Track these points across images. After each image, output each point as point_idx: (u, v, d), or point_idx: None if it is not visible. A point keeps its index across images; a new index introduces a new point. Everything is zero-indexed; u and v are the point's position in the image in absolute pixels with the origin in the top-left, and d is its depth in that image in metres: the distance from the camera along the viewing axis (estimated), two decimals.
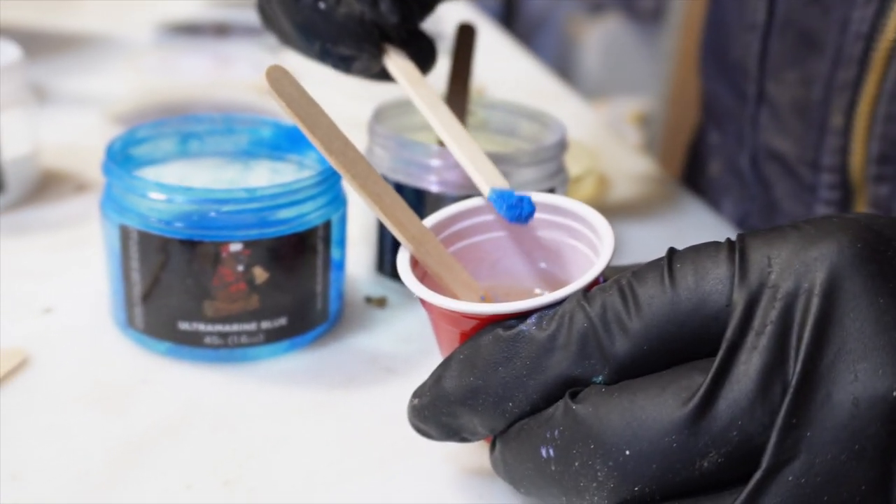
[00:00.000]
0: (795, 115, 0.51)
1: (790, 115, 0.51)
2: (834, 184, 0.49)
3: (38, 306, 0.39)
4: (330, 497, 0.30)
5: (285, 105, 0.30)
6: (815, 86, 0.48)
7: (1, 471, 0.29)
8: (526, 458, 0.26)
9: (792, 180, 0.53)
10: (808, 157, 0.50)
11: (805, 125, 0.50)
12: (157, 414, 0.33)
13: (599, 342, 0.25)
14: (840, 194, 0.50)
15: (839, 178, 0.49)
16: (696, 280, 0.24)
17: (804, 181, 0.51)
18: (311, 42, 0.39)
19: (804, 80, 0.49)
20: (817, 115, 0.49)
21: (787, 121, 0.52)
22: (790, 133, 0.52)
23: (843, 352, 0.23)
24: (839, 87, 0.47)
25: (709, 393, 0.23)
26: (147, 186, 0.34)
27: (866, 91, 0.45)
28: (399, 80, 0.39)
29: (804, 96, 0.49)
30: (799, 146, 0.51)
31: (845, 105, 0.46)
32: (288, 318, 0.36)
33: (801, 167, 0.51)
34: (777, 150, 0.53)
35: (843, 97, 0.46)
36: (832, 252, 0.23)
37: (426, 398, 0.28)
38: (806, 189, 0.52)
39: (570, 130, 0.44)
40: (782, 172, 0.54)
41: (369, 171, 0.31)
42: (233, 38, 0.94)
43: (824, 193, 0.50)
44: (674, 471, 0.23)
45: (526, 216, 0.32)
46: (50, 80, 0.73)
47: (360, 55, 0.39)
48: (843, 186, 0.49)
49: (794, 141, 0.51)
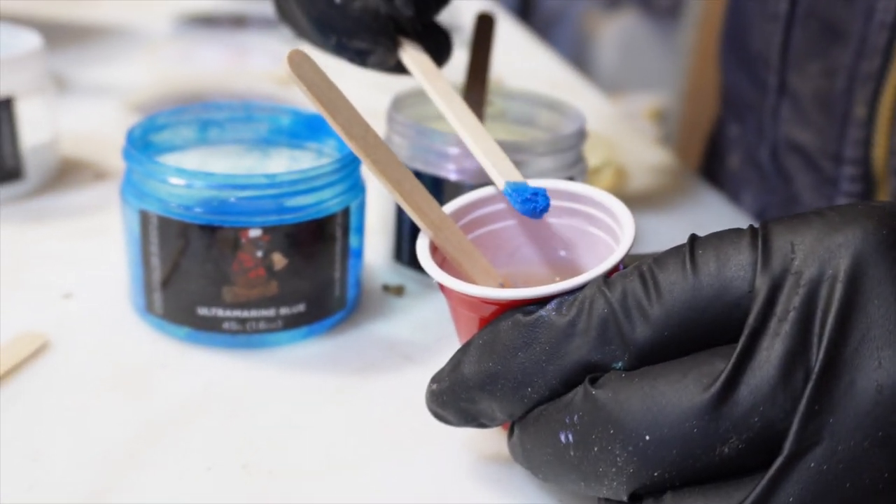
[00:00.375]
0: (817, 107, 0.50)
1: (812, 106, 0.51)
2: (856, 176, 0.49)
3: (57, 292, 0.40)
4: (347, 481, 0.30)
5: (306, 89, 0.30)
6: (839, 77, 0.48)
7: (22, 451, 0.30)
8: (545, 443, 0.26)
9: (813, 173, 0.53)
10: (830, 150, 0.50)
11: (827, 117, 0.50)
12: (176, 398, 0.33)
13: (620, 328, 0.25)
14: (862, 187, 0.49)
15: (861, 171, 0.49)
16: (718, 266, 0.24)
17: (826, 173, 0.51)
18: (327, 36, 0.39)
19: (827, 70, 0.49)
20: (840, 107, 0.48)
21: (809, 112, 0.51)
22: (812, 125, 0.51)
23: (867, 338, 0.22)
24: (863, 77, 0.46)
25: (730, 378, 0.23)
26: (167, 172, 0.34)
27: (890, 81, 0.45)
28: (414, 74, 0.39)
29: (827, 87, 0.49)
30: (821, 138, 0.51)
31: (869, 96, 0.46)
32: (306, 305, 0.36)
33: (822, 159, 0.51)
34: (798, 142, 0.53)
35: (867, 88, 0.46)
36: (857, 238, 0.23)
37: (445, 383, 0.28)
38: (827, 182, 0.51)
39: (587, 122, 0.43)
40: (803, 165, 0.53)
41: (389, 157, 0.31)
42: (250, 29, 0.95)
43: (846, 186, 0.50)
44: (694, 456, 0.23)
45: (541, 210, 0.32)
46: (70, 70, 0.74)
47: (375, 49, 0.39)
48: (865, 179, 0.49)
49: (816, 133, 0.51)
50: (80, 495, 0.28)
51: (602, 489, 0.25)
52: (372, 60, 0.40)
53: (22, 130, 0.48)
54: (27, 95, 0.48)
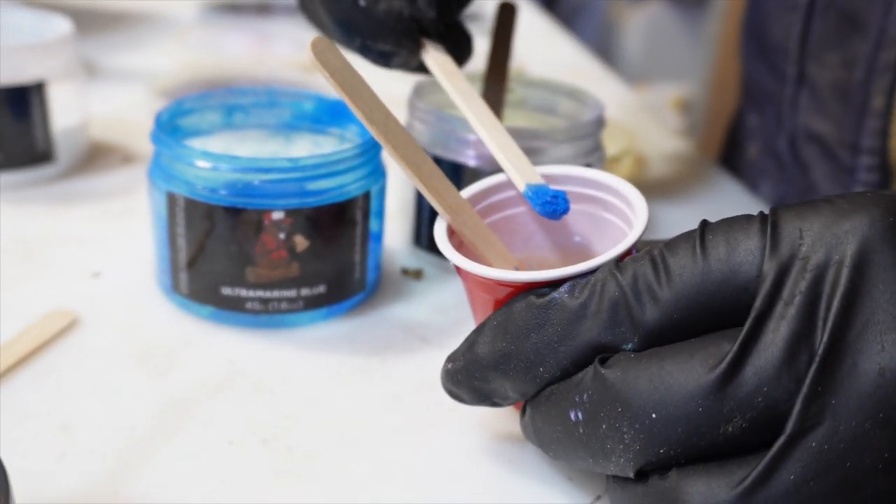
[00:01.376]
0: (836, 97, 0.50)
1: (830, 96, 0.51)
2: (873, 166, 0.49)
3: (86, 271, 0.41)
4: (362, 457, 0.30)
5: (329, 75, 0.30)
6: (857, 67, 0.48)
7: (52, 422, 0.31)
8: (555, 421, 0.27)
9: (830, 162, 0.53)
10: (848, 140, 0.50)
11: (845, 107, 0.50)
12: (200, 374, 0.34)
13: (630, 310, 0.25)
14: (879, 177, 0.49)
15: (878, 161, 0.49)
16: (727, 251, 0.25)
17: (843, 163, 0.51)
18: (352, 38, 0.39)
19: (846, 61, 0.49)
20: (858, 97, 0.49)
21: (828, 102, 0.51)
22: (830, 115, 0.51)
23: (871, 323, 0.23)
24: (881, 68, 0.46)
25: (736, 360, 0.23)
26: (194, 155, 0.35)
27: None
28: (436, 74, 0.40)
29: (845, 78, 0.49)
30: (838, 128, 0.51)
31: (887, 86, 0.46)
32: (326, 287, 0.37)
33: (840, 149, 0.51)
34: (816, 131, 0.53)
35: (885, 79, 0.46)
36: (864, 225, 0.24)
37: (460, 362, 0.29)
38: (844, 171, 0.52)
39: (608, 111, 0.44)
40: (821, 154, 0.54)
41: (409, 142, 0.31)
42: (274, 16, 0.96)
43: (863, 176, 0.50)
44: (699, 434, 0.24)
45: (560, 212, 0.32)
46: (100, 56, 0.75)
47: (399, 51, 0.39)
48: (881, 169, 0.49)
49: (834, 123, 0.51)
50: (108, 465, 0.29)
51: (609, 466, 0.26)
52: (395, 62, 0.40)
53: (53, 114, 0.49)
54: (58, 80, 0.49)
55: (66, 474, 0.29)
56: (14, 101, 0.47)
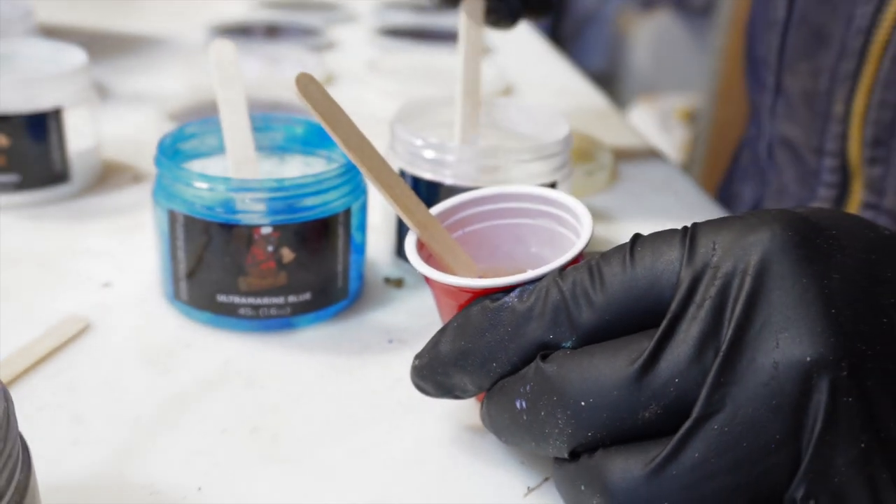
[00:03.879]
0: (804, 104, 0.55)
1: (800, 104, 0.55)
2: (835, 167, 0.53)
3: (98, 281, 0.45)
4: (340, 443, 0.34)
5: (311, 106, 0.34)
6: (822, 77, 0.52)
7: (67, 415, 0.35)
8: (504, 409, 0.30)
9: (799, 166, 0.57)
10: (814, 143, 0.54)
11: (812, 113, 0.54)
12: (198, 373, 0.38)
13: (569, 313, 0.29)
14: (840, 177, 0.53)
15: (839, 162, 0.53)
16: (652, 261, 0.28)
17: (809, 166, 0.55)
18: None
19: (813, 71, 0.53)
20: (822, 104, 0.53)
21: (798, 109, 0.56)
22: (799, 121, 0.56)
23: (768, 323, 0.26)
24: (841, 77, 0.51)
25: (652, 355, 0.27)
26: (192, 177, 0.39)
27: (863, 81, 0.49)
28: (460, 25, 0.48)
29: (812, 87, 0.53)
30: (805, 133, 0.55)
31: (846, 94, 0.50)
32: (312, 294, 0.41)
33: (807, 153, 0.55)
34: (788, 137, 0.57)
35: (845, 87, 0.50)
36: (766, 238, 0.27)
37: (425, 359, 0.32)
38: (811, 173, 0.56)
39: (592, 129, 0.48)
40: (791, 158, 0.58)
41: (382, 164, 0.35)
42: (282, 39, 0.99)
43: (826, 177, 0.54)
44: (621, 419, 0.27)
45: None
46: (111, 79, 0.80)
47: None
48: (842, 170, 0.53)
49: (802, 128, 0.55)
50: (115, 451, 0.33)
51: (549, 448, 0.29)
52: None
53: (68, 138, 0.53)
54: (73, 106, 0.53)
55: (77, 459, 0.33)
56: (33, 127, 0.51)
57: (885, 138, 0.50)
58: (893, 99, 0.49)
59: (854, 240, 0.28)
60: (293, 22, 1.05)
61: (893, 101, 0.49)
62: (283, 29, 1.03)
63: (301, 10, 1.15)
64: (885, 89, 0.48)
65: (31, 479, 0.24)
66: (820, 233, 0.27)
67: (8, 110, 0.50)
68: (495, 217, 0.39)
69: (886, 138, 0.50)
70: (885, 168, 0.51)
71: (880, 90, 0.49)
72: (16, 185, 0.52)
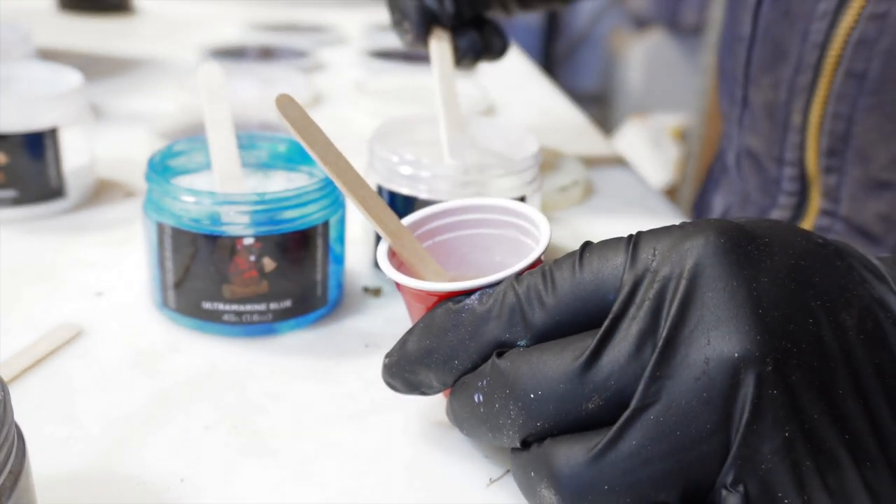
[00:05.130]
0: (765, 116, 0.57)
1: (762, 115, 0.58)
2: (794, 176, 0.56)
3: (91, 290, 0.47)
4: (315, 439, 0.37)
5: (290, 125, 0.37)
6: (781, 89, 0.55)
7: (59, 414, 0.37)
8: (464, 403, 0.33)
9: (761, 174, 0.60)
10: (774, 153, 0.57)
11: (772, 124, 0.57)
12: (185, 375, 0.40)
13: (523, 314, 0.31)
14: (799, 186, 0.56)
15: (798, 171, 0.56)
16: (599, 266, 0.31)
17: (770, 174, 0.58)
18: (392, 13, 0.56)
19: (774, 84, 0.56)
20: (782, 115, 0.56)
21: (760, 121, 0.58)
22: (761, 132, 0.58)
23: (700, 322, 0.28)
24: (799, 89, 0.53)
25: (595, 351, 0.29)
26: (180, 191, 0.41)
27: (818, 93, 0.52)
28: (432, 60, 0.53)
29: (773, 98, 0.56)
30: (767, 143, 0.58)
31: (803, 106, 0.53)
32: (292, 302, 0.43)
33: (768, 162, 0.58)
34: (751, 147, 0.60)
35: (801, 98, 0.53)
36: (700, 244, 0.29)
37: (394, 357, 0.35)
38: (772, 182, 0.58)
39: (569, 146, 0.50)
40: (754, 167, 0.61)
41: (356, 178, 0.38)
42: (276, 61, 1.01)
43: (786, 185, 0.57)
44: (566, 411, 0.29)
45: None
46: (106, 100, 0.82)
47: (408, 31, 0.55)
48: (801, 179, 0.56)
49: (764, 139, 0.58)
50: (105, 447, 0.35)
51: (504, 438, 0.32)
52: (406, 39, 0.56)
53: (64, 155, 0.56)
54: (69, 125, 0.56)
55: (70, 454, 0.35)
56: (31, 145, 0.54)
57: (840, 148, 0.52)
58: (846, 111, 0.51)
59: (785, 247, 0.30)
60: (285, 44, 1.08)
61: (846, 112, 0.51)
62: (276, 51, 1.06)
63: (293, 33, 1.18)
64: (838, 101, 0.51)
65: (26, 465, 0.27)
66: (752, 240, 0.30)
67: (7, 129, 0.53)
68: (463, 227, 0.41)
69: (841, 148, 0.52)
70: (840, 177, 0.53)
71: (834, 102, 0.52)
72: (14, 200, 0.54)
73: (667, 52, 2.69)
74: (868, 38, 0.49)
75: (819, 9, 0.51)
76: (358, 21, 1.31)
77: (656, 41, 2.69)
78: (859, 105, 0.51)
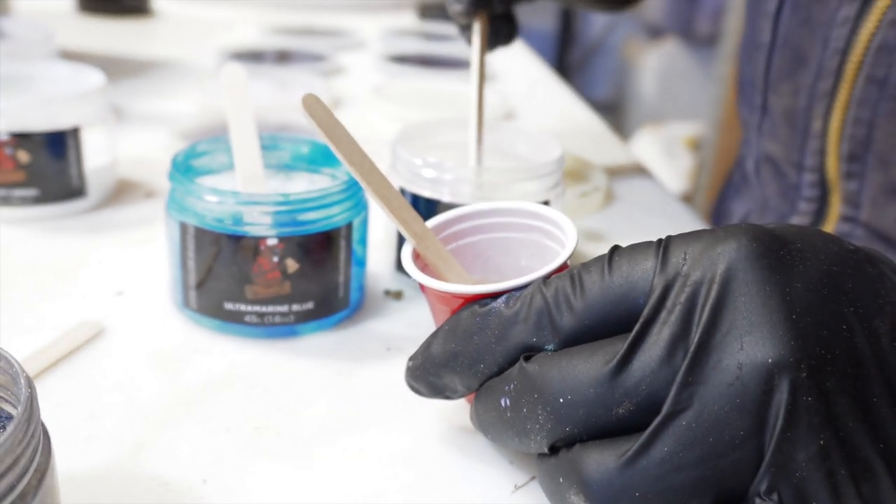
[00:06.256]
0: (785, 122, 0.57)
1: (781, 122, 0.58)
2: (814, 182, 0.56)
3: (112, 290, 0.47)
4: (338, 442, 0.36)
5: (316, 125, 0.37)
6: (801, 95, 0.55)
7: (80, 412, 0.37)
8: (490, 407, 0.32)
9: (781, 181, 0.59)
10: (794, 159, 0.57)
11: (792, 130, 0.57)
12: (205, 376, 0.40)
13: (552, 317, 0.31)
14: (819, 191, 0.56)
15: (818, 177, 0.55)
16: (629, 270, 0.30)
17: (790, 181, 0.58)
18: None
19: (794, 90, 0.56)
20: (802, 121, 0.55)
21: (779, 127, 0.58)
22: (781, 138, 0.58)
23: (733, 327, 0.28)
24: (819, 95, 0.53)
25: (625, 356, 0.29)
26: (203, 191, 0.41)
27: (839, 98, 0.52)
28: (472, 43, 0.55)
29: (793, 105, 0.56)
30: (787, 149, 0.58)
31: (823, 111, 0.53)
32: (315, 303, 0.43)
33: (788, 168, 0.58)
34: (771, 154, 0.60)
35: (822, 104, 0.53)
36: (732, 249, 0.29)
37: (418, 360, 0.35)
38: (791, 188, 0.58)
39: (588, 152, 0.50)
40: (773, 174, 0.60)
41: (381, 179, 0.38)
42: (293, 64, 1.02)
43: (806, 191, 0.57)
44: (596, 416, 0.29)
45: None
46: (128, 102, 0.83)
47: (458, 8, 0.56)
48: (821, 185, 0.55)
49: (784, 145, 0.58)
50: (125, 446, 0.35)
51: (531, 443, 0.31)
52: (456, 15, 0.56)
53: (86, 155, 0.56)
54: (91, 125, 0.56)
55: (91, 453, 0.35)
56: (53, 144, 0.54)
57: (860, 154, 0.52)
58: (867, 116, 0.51)
59: (817, 252, 0.30)
60: (303, 48, 1.08)
61: (867, 118, 0.51)
62: (294, 54, 1.06)
63: (311, 37, 1.18)
64: (859, 107, 0.51)
65: (51, 464, 0.26)
66: (784, 245, 0.29)
67: (29, 128, 0.53)
68: (487, 231, 0.41)
69: (861, 154, 0.52)
70: (861, 182, 0.53)
71: (855, 108, 0.51)
72: (35, 199, 0.54)
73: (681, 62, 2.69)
74: (889, 43, 0.49)
75: (840, 15, 0.51)
76: (376, 25, 1.31)
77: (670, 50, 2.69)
78: (880, 110, 0.50)
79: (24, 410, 0.24)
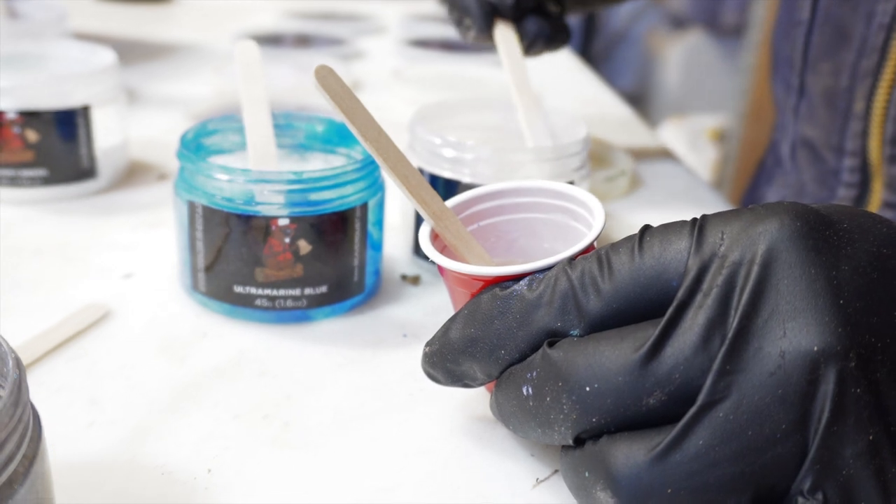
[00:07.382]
0: (825, 104, 0.55)
1: (820, 103, 0.55)
2: (854, 167, 0.53)
3: (120, 272, 0.46)
4: (350, 432, 0.35)
5: (329, 98, 0.35)
6: (843, 75, 0.52)
7: (83, 397, 0.35)
8: (511, 396, 0.30)
9: (819, 165, 0.57)
10: (834, 142, 0.54)
11: (832, 112, 0.54)
12: (214, 361, 0.39)
13: (577, 301, 0.29)
14: (860, 176, 0.53)
15: (859, 162, 0.53)
16: (661, 250, 0.28)
17: (829, 166, 0.55)
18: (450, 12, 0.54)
19: (834, 70, 0.53)
20: (843, 102, 0.53)
21: (818, 110, 0.56)
22: (819, 121, 0.56)
23: (775, 312, 0.26)
24: (862, 74, 0.51)
25: (657, 342, 0.27)
26: (213, 168, 0.39)
27: (884, 77, 0.49)
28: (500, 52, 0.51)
29: (833, 85, 0.53)
30: (826, 132, 0.55)
31: (867, 91, 0.50)
32: (328, 287, 0.41)
33: (826, 152, 0.55)
34: (808, 137, 0.57)
35: (865, 84, 0.50)
36: (774, 228, 0.27)
37: (435, 346, 0.33)
38: (830, 173, 0.55)
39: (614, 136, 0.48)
40: (811, 158, 0.58)
41: (399, 156, 0.36)
42: (313, 48, 1.00)
43: (846, 176, 0.54)
44: (625, 406, 0.27)
45: None
46: (142, 84, 0.81)
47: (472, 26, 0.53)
48: (862, 169, 0.53)
49: (822, 128, 0.55)
50: (128, 432, 0.34)
51: (554, 435, 0.29)
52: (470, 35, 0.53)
53: (96, 135, 0.54)
54: (102, 104, 0.54)
55: (93, 439, 0.33)
56: (62, 124, 0.52)
57: None
58: None
59: (865, 234, 0.28)
60: (323, 32, 1.07)
61: None
62: (313, 38, 1.05)
63: (330, 21, 1.17)
64: None
65: (41, 449, 0.25)
66: (830, 225, 0.27)
67: (38, 107, 0.51)
68: (510, 211, 0.39)
69: None
70: None
71: None
72: (44, 179, 0.53)
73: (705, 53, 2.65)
74: None
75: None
76: (396, 10, 1.29)
77: (695, 42, 2.65)
78: None
79: (10, 393, 0.23)
